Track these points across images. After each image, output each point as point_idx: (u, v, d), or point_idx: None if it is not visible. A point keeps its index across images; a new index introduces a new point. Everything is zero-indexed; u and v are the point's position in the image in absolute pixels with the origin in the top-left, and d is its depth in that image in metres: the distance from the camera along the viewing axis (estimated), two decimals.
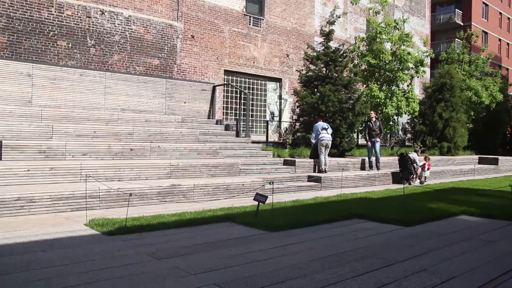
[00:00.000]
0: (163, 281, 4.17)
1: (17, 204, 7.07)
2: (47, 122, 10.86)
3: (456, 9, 41.28)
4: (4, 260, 4.65)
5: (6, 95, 11.50)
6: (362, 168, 15.12)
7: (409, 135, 23.99)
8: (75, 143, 9.89)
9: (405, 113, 19.73)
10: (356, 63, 19.17)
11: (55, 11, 13.04)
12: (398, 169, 14.98)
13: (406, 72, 19.20)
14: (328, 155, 13.79)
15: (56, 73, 12.48)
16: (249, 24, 18.13)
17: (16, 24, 12.39)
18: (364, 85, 19.34)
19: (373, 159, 15.11)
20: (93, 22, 13.78)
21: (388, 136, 21.47)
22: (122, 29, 14.39)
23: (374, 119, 15.36)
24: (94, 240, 5.68)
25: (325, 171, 13.30)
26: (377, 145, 15.03)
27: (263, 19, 18.60)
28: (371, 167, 15.05)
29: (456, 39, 31.28)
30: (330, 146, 13.72)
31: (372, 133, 15.11)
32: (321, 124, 13.87)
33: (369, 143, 15.14)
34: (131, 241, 5.65)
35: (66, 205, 7.53)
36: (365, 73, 19.21)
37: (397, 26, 19.37)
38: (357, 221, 7.63)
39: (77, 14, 13.46)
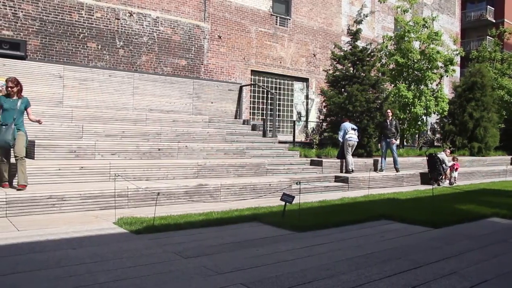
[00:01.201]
0: (190, 280, 4.19)
1: (49, 202, 7.23)
2: (77, 122, 11.08)
3: (488, 6, 40.32)
4: (37, 257, 4.77)
5: (38, 96, 11.77)
6: (390, 168, 14.90)
7: (438, 135, 23.59)
8: (104, 143, 10.06)
9: (434, 113, 19.39)
10: (383, 63, 18.98)
11: (85, 14, 13.28)
12: (427, 170, 14.75)
13: (435, 71, 18.87)
14: (353, 156, 13.71)
15: (86, 74, 12.72)
16: (276, 24, 18.11)
17: (49, 27, 12.67)
18: (392, 85, 19.10)
19: (386, 160, 14.37)
20: (121, 23, 13.98)
21: (417, 136, 21.15)
22: (150, 30, 14.56)
23: (390, 117, 14.40)
24: (123, 238, 5.77)
25: (353, 171, 13.19)
26: (393, 145, 14.20)
27: (289, 19, 18.56)
28: (381, 169, 14.21)
29: (488, 36, 30.56)
30: (355, 147, 13.63)
31: (387, 133, 14.24)
32: (349, 124, 13.75)
33: (383, 143, 14.33)
34: (158, 239, 5.71)
35: (95, 203, 7.67)
36: (393, 72, 18.98)
37: (426, 25, 19.06)
38: (385, 222, 7.54)
39: (106, 16, 13.68)
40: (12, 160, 7.72)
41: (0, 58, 11.45)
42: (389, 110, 14.66)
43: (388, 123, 14.29)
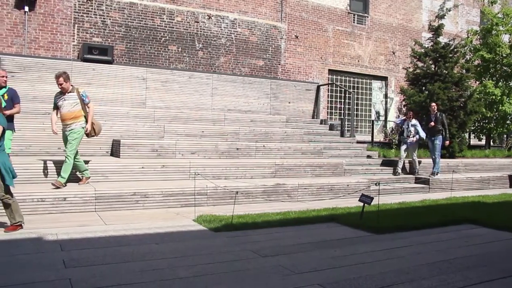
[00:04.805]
0: (267, 279, 4.24)
1: (133, 199, 7.59)
2: (159, 122, 11.53)
3: None
4: (123, 250, 5.03)
5: (124, 97, 12.42)
6: (473, 170, 14.12)
7: None
8: (184, 142, 10.40)
9: None
10: (468, 59, 18.06)
11: (167, 18, 13.79)
12: None
13: None
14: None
15: (167, 76, 13.23)
16: (353, 22, 17.81)
17: (133, 32, 13.30)
18: (477, 82, 18.13)
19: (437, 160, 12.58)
20: (200, 26, 14.38)
21: (505, 136, 19.93)
22: (228, 32, 14.85)
23: (435, 111, 12.60)
24: (202, 235, 5.93)
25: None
26: (437, 145, 12.37)
27: (367, 17, 18.18)
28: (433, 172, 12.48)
29: None
30: None
31: (432, 130, 12.45)
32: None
33: (429, 143, 12.70)
34: (236, 238, 5.81)
35: (176, 201, 7.94)
36: (479, 68, 17.97)
37: None
38: (469, 227, 7.18)
39: (186, 19, 14.13)
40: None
41: (90, 63, 12.20)
42: (433, 104, 13.01)
43: (433, 119, 12.53)
